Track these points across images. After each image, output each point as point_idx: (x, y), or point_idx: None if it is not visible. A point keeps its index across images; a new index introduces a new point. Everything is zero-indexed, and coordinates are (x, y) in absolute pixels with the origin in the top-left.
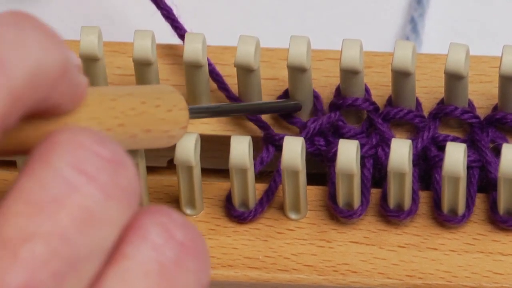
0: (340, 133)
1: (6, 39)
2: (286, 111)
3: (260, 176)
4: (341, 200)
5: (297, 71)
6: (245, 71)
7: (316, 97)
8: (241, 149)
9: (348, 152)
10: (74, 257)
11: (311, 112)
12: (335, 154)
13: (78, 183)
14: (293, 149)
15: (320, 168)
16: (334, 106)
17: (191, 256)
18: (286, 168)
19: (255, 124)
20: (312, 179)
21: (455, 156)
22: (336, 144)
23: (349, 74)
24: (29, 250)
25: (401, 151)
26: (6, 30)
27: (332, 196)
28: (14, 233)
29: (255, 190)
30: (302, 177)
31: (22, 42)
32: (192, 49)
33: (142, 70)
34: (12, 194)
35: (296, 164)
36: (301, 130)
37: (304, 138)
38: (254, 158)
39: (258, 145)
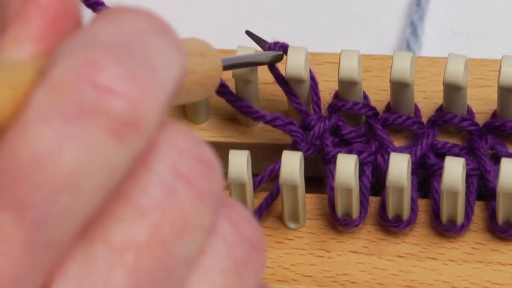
0: (340, 134)
1: (157, 52)
2: (271, 62)
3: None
4: (339, 211)
5: (295, 82)
6: (244, 82)
7: (312, 78)
8: (239, 164)
9: (346, 166)
10: (172, 265)
11: (308, 96)
12: (333, 157)
13: (177, 189)
14: (292, 164)
15: (320, 171)
16: (334, 107)
17: (256, 252)
18: (285, 182)
19: (286, 133)
20: (313, 180)
21: (454, 171)
22: (336, 146)
23: (347, 85)
24: (134, 257)
25: (400, 166)
26: (154, 42)
27: (331, 201)
28: (119, 238)
29: (253, 203)
30: (301, 190)
31: (169, 54)
32: None
33: None
34: (115, 196)
35: (294, 179)
36: (304, 129)
37: (309, 139)
38: (261, 168)
39: (257, 152)
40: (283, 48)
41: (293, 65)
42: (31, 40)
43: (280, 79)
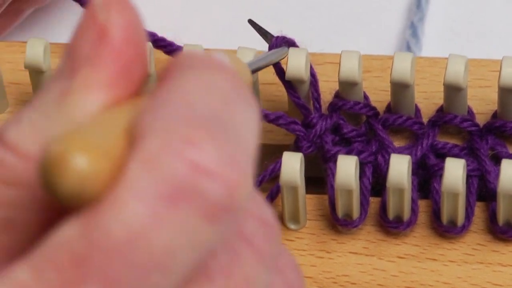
0: (341, 133)
1: (244, 122)
2: (280, 59)
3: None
4: (340, 211)
5: (296, 83)
6: None
7: (312, 75)
8: None
9: (347, 167)
10: None
11: (308, 93)
12: (333, 156)
13: (242, 252)
14: (292, 165)
15: (320, 172)
16: (335, 106)
17: None
18: (285, 184)
19: (289, 131)
20: (313, 180)
21: (455, 173)
22: (336, 144)
23: (347, 85)
24: None
25: (400, 167)
26: (241, 110)
27: (331, 200)
28: None
29: None
30: (301, 192)
31: (252, 121)
32: None
33: None
34: None
35: (295, 180)
36: (305, 127)
37: (311, 137)
38: (261, 169)
39: (258, 153)
40: (289, 43)
41: (294, 66)
42: (102, 86)
43: (282, 74)
